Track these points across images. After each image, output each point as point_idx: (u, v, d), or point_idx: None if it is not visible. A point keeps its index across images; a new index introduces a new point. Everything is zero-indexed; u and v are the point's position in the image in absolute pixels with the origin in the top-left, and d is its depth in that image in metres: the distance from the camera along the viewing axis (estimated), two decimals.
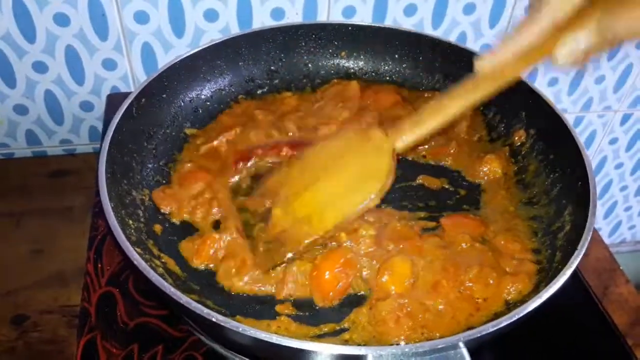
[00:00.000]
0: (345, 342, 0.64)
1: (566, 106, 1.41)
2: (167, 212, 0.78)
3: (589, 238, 0.64)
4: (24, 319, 0.87)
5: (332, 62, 1.03)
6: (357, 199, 0.71)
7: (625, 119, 1.50)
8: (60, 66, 1.09)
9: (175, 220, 0.78)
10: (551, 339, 0.76)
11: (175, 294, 0.55)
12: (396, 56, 1.01)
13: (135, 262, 0.58)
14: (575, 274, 0.84)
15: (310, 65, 1.03)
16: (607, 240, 1.84)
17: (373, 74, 1.04)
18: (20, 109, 1.14)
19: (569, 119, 1.42)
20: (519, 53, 0.60)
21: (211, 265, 0.73)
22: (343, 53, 1.03)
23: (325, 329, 0.66)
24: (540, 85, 1.34)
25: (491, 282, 0.69)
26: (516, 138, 0.90)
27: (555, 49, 0.57)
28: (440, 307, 0.67)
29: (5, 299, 0.89)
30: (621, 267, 0.96)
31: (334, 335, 0.65)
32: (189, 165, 0.84)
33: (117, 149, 0.74)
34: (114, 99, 1.09)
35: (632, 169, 1.66)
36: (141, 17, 1.05)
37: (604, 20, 0.54)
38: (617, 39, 0.55)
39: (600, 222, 1.80)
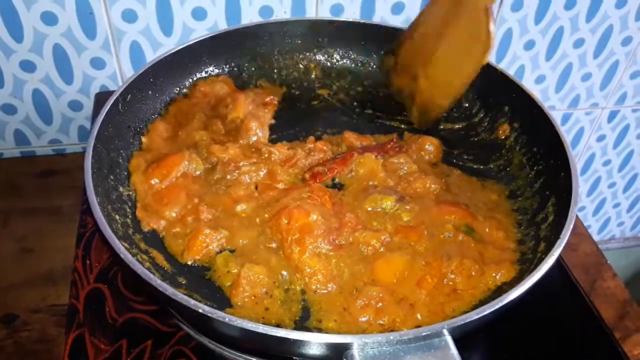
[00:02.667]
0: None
1: (554, 103, 1.42)
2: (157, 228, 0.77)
3: (572, 226, 0.65)
4: (13, 319, 0.87)
5: (317, 57, 1.04)
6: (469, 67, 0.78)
7: (612, 115, 1.51)
8: (48, 65, 1.09)
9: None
10: (540, 333, 0.77)
11: (161, 286, 0.55)
12: (382, 52, 1.02)
13: (121, 256, 0.58)
14: (562, 269, 0.85)
15: (296, 61, 1.04)
16: (596, 237, 1.85)
17: (359, 68, 1.05)
18: (9, 109, 1.14)
19: (557, 116, 1.43)
20: None
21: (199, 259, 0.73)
22: (329, 49, 1.04)
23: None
24: (528, 83, 1.35)
25: (473, 273, 0.70)
26: (500, 132, 0.91)
27: None
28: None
29: None
30: (608, 262, 0.97)
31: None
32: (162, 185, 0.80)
33: (103, 144, 0.74)
34: (103, 98, 1.08)
35: (620, 165, 1.67)
36: (129, 16, 1.06)
37: None
38: None
39: (589, 219, 1.81)
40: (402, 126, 0.95)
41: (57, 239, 0.96)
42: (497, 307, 0.55)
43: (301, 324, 0.65)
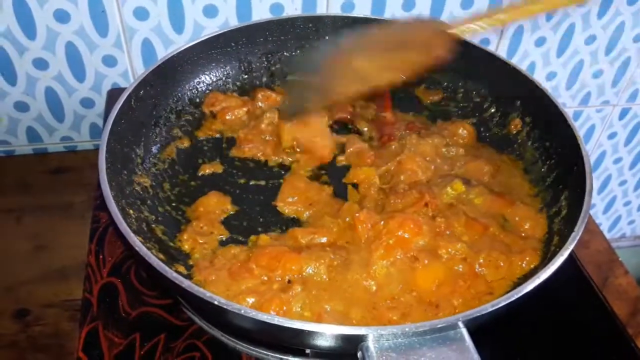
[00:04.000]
0: None
1: (565, 100, 1.42)
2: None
3: (586, 220, 0.64)
4: (26, 313, 0.88)
5: None
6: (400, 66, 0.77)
7: (623, 113, 1.50)
8: (60, 63, 1.10)
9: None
10: (552, 329, 0.76)
11: (177, 278, 0.55)
12: None
13: (136, 248, 0.58)
14: (575, 266, 0.85)
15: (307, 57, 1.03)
16: (607, 236, 1.83)
17: None
18: (21, 106, 1.15)
19: (568, 113, 1.42)
20: None
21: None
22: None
23: None
24: (539, 79, 1.32)
25: (501, 264, 0.70)
26: (512, 127, 0.91)
27: None
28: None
29: (7, 293, 0.90)
30: (620, 259, 0.96)
31: None
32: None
33: (117, 140, 0.75)
34: (115, 95, 1.09)
35: (631, 163, 1.66)
36: (141, 14, 1.06)
37: None
38: None
39: (599, 217, 1.80)
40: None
41: (69, 235, 0.97)
42: (512, 299, 0.55)
43: None
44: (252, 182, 0.85)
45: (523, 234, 0.75)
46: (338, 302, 0.65)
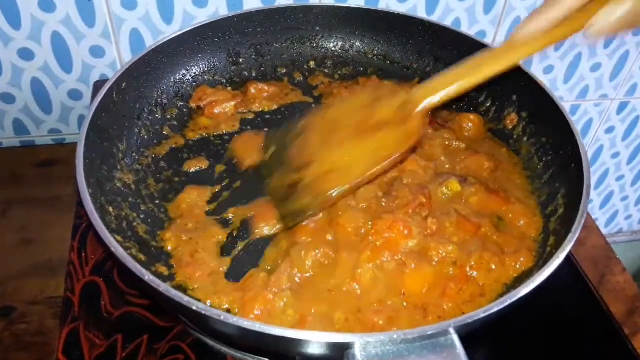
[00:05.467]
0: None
1: (562, 94, 1.40)
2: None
3: (583, 220, 0.62)
4: (11, 311, 0.86)
5: (320, 44, 1.02)
6: (383, 155, 0.69)
7: (621, 107, 1.49)
8: (47, 53, 1.07)
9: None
10: (548, 328, 0.75)
11: (154, 281, 0.53)
12: (386, 39, 1.00)
13: (112, 249, 0.56)
14: (571, 263, 0.83)
15: (296, 49, 1.02)
16: (603, 231, 1.83)
17: (362, 55, 1.03)
18: (7, 98, 1.12)
19: (565, 107, 1.40)
20: (555, 23, 0.59)
21: None
22: (332, 36, 1.02)
23: None
24: (536, 73, 1.31)
25: (493, 267, 0.68)
26: (508, 122, 0.89)
27: (591, 19, 0.56)
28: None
29: None
30: (617, 256, 0.95)
31: None
32: None
33: (97, 134, 0.72)
34: (101, 87, 1.07)
35: (628, 158, 1.65)
36: (129, 3, 1.03)
37: None
38: None
39: (596, 212, 1.79)
40: None
41: (57, 229, 0.95)
42: (505, 304, 0.53)
43: None
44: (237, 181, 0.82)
45: (518, 234, 0.73)
46: (322, 304, 0.63)
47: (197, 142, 0.87)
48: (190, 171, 0.82)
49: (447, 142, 0.86)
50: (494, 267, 0.67)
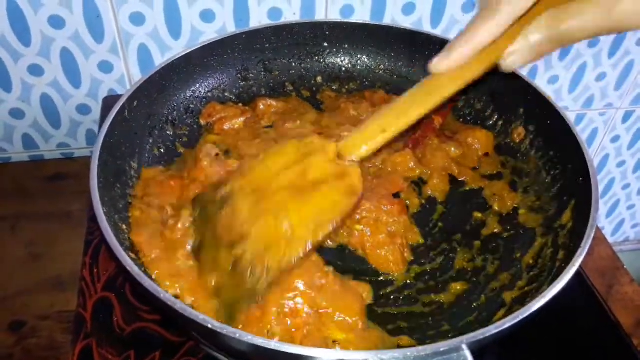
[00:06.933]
0: None
1: (567, 104, 1.40)
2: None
3: (592, 235, 0.63)
4: (22, 325, 0.86)
5: (327, 60, 1.03)
6: (328, 218, 0.64)
7: (627, 116, 1.49)
8: (56, 69, 1.08)
9: None
10: (555, 339, 0.75)
11: (169, 299, 0.54)
12: (392, 54, 1.01)
13: (128, 268, 0.56)
14: (579, 274, 0.83)
15: (304, 64, 1.02)
16: (610, 239, 1.82)
17: (369, 70, 1.03)
18: (17, 113, 1.14)
19: (570, 117, 1.41)
20: (475, 53, 0.58)
21: None
22: (339, 51, 1.03)
23: None
24: (541, 83, 1.32)
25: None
26: (515, 135, 0.89)
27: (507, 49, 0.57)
28: None
29: (3, 304, 0.88)
30: (625, 266, 0.95)
31: None
32: None
33: (109, 153, 0.73)
34: (110, 102, 1.07)
35: (634, 166, 1.65)
36: (137, 19, 1.04)
37: (554, 16, 0.53)
38: (567, 37, 0.54)
39: (602, 221, 1.79)
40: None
41: (66, 244, 0.96)
42: (517, 320, 0.54)
43: None
44: None
45: None
46: None
47: None
48: None
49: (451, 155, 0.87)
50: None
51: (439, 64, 0.60)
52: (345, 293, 0.67)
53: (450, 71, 0.60)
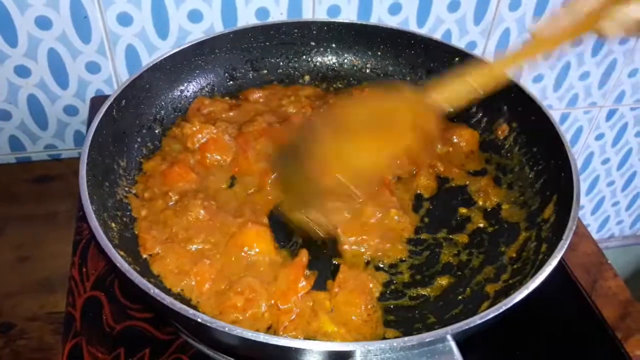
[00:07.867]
0: None
1: (552, 103, 1.42)
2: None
3: (574, 227, 0.64)
4: (10, 327, 0.86)
5: (314, 59, 1.04)
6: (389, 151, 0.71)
7: (610, 114, 1.51)
8: (43, 70, 1.08)
9: None
10: (541, 334, 0.76)
11: (159, 295, 0.54)
12: (379, 53, 1.02)
13: (117, 265, 0.57)
14: (563, 269, 0.84)
15: (292, 63, 1.03)
16: (595, 236, 1.84)
17: (356, 69, 1.04)
18: (3, 115, 1.13)
19: (555, 115, 1.43)
20: (575, 21, 0.64)
21: None
22: (326, 50, 1.03)
23: None
24: (526, 82, 1.34)
25: None
26: (499, 132, 0.90)
27: (605, 19, 0.62)
28: None
29: None
30: (609, 262, 0.96)
31: None
32: None
33: (98, 151, 0.73)
34: (98, 102, 1.07)
35: (618, 164, 1.67)
36: (124, 19, 1.05)
37: None
38: None
39: (588, 218, 1.81)
40: None
41: (53, 245, 0.95)
42: (501, 310, 0.55)
43: None
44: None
45: None
46: None
47: None
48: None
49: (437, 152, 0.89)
50: None
51: (541, 28, 0.68)
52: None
53: (549, 35, 0.67)
